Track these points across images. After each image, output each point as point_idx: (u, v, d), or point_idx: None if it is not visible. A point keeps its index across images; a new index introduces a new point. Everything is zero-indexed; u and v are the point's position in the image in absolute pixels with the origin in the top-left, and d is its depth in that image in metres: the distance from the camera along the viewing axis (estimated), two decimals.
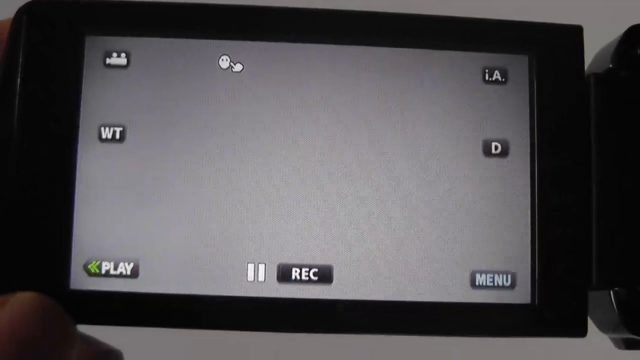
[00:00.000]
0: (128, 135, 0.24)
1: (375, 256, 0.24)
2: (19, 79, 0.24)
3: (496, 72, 0.25)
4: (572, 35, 0.25)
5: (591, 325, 0.26)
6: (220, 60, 0.25)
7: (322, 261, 0.24)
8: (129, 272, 0.24)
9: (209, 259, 0.24)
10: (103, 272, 0.24)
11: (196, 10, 0.25)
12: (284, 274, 0.24)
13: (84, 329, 0.24)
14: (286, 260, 0.24)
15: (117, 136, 0.24)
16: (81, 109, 0.24)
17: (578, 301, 0.24)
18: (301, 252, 0.24)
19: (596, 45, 0.26)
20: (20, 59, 0.24)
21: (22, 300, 0.21)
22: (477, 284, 0.24)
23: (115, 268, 0.24)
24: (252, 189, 0.24)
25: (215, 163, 0.24)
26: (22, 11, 0.24)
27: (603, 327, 0.26)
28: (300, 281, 0.24)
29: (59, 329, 0.21)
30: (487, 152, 0.25)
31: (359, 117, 0.25)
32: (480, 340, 0.26)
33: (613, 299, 0.24)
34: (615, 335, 0.26)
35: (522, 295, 0.24)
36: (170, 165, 0.24)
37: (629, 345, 0.26)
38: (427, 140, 0.25)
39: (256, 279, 0.24)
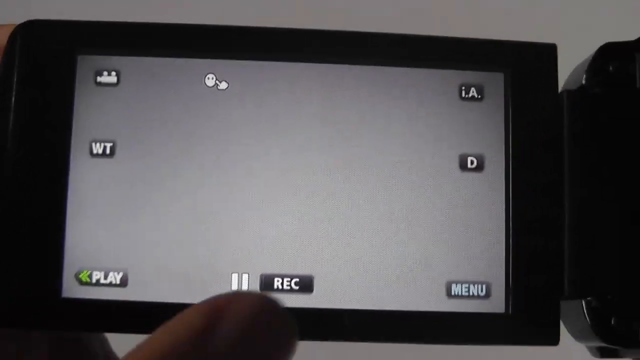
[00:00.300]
0: (118, 150, 0.25)
1: (355, 267, 0.25)
2: (13, 96, 0.25)
3: (472, 89, 0.26)
4: (546, 53, 0.26)
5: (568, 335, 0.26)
6: (206, 78, 0.26)
7: (303, 271, 0.25)
8: (118, 281, 0.25)
9: (195, 269, 0.25)
10: (94, 281, 0.25)
11: (183, 30, 0.26)
12: (266, 284, 0.25)
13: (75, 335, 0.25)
14: (269, 270, 0.25)
15: (108, 151, 0.25)
16: (73, 124, 0.25)
17: (551, 310, 0.25)
18: (283, 263, 0.25)
19: (571, 63, 0.27)
20: (15, 76, 0.25)
21: (256, 297, 0.19)
22: (453, 293, 0.25)
23: (105, 277, 0.25)
24: (236, 202, 0.25)
25: (200, 177, 0.25)
26: (17, 30, 0.25)
27: (577, 336, 0.26)
28: (282, 290, 0.25)
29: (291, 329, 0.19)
30: (463, 166, 0.26)
31: (340, 133, 0.26)
32: (458, 348, 0.27)
33: (585, 308, 0.25)
34: (590, 344, 0.26)
35: (496, 304, 0.25)
36: (157, 179, 0.25)
37: (603, 353, 0.26)
38: (405, 155, 0.26)
39: (240, 289, 0.25)
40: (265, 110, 0.26)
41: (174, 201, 0.25)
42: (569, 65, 0.27)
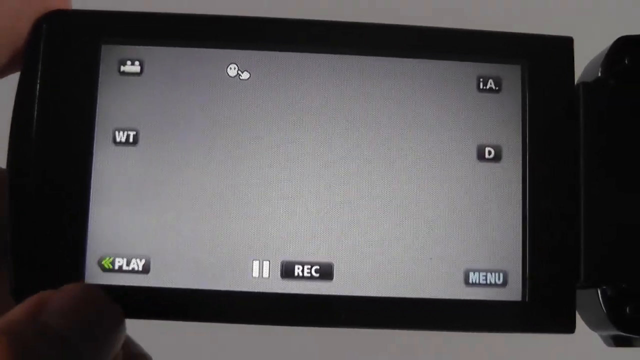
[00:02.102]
0: (141, 139, 0.26)
1: (374, 255, 0.25)
2: (37, 85, 0.25)
3: (490, 81, 0.26)
4: (563, 46, 0.27)
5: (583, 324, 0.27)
6: (229, 68, 0.26)
7: (323, 259, 0.25)
8: (140, 268, 0.25)
9: (216, 256, 0.25)
10: (116, 267, 0.25)
11: (206, 21, 0.26)
12: (287, 271, 0.25)
13: None
14: (289, 257, 0.25)
15: (131, 139, 0.26)
16: (97, 113, 0.26)
17: (566, 299, 0.26)
18: (304, 250, 0.25)
19: (587, 56, 0.28)
20: (39, 66, 0.25)
21: (73, 287, 0.23)
22: (470, 281, 0.26)
23: (128, 264, 0.25)
24: (258, 190, 0.26)
25: (222, 165, 0.26)
26: (41, 20, 0.26)
27: (592, 325, 0.27)
28: (303, 278, 0.25)
29: (110, 313, 0.23)
30: (480, 156, 0.26)
31: (362, 122, 0.26)
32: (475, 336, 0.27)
33: (600, 297, 0.25)
34: (604, 333, 0.27)
35: (513, 292, 0.26)
36: (180, 166, 0.26)
37: (617, 342, 0.27)
38: (425, 145, 0.26)
39: (261, 275, 0.25)
40: (286, 100, 0.26)
41: (196, 189, 0.25)
42: (586, 58, 0.27)
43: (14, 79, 0.26)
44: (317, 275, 0.25)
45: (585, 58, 0.27)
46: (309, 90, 0.26)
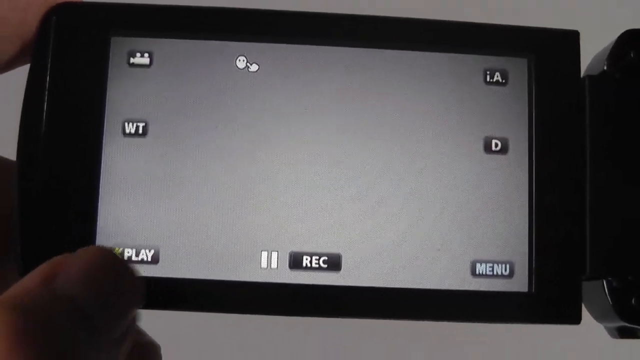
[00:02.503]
0: (150, 130, 0.26)
1: (382, 246, 0.26)
2: (47, 76, 0.26)
3: (497, 73, 0.27)
4: (569, 39, 0.27)
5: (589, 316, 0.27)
6: (238, 60, 0.26)
7: (331, 250, 0.26)
8: (149, 259, 0.25)
9: (225, 247, 0.25)
10: (125, 258, 0.25)
11: (215, 13, 0.26)
12: (295, 262, 0.26)
13: None
14: (298, 248, 0.26)
15: (140, 131, 0.26)
16: (106, 105, 0.26)
17: (572, 290, 0.26)
18: (312, 241, 0.26)
19: (593, 49, 0.28)
20: (49, 58, 0.26)
21: (88, 251, 0.22)
22: (477, 272, 0.26)
23: (137, 254, 0.25)
24: (266, 181, 0.26)
25: (231, 157, 0.26)
26: (50, 13, 0.26)
27: (598, 316, 0.27)
28: (311, 268, 0.25)
29: (128, 281, 0.22)
30: (487, 149, 0.26)
31: (370, 115, 0.26)
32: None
33: (606, 288, 0.26)
34: (610, 324, 0.27)
35: (519, 284, 0.26)
36: (188, 158, 0.26)
37: (622, 333, 0.27)
38: (432, 137, 0.26)
39: (269, 266, 0.25)
40: (295, 92, 0.26)
41: (205, 180, 0.26)
42: (592, 52, 0.27)
43: (23, 71, 0.26)
44: (325, 266, 0.26)
45: (591, 52, 0.28)
46: (318, 82, 0.26)
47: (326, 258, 0.26)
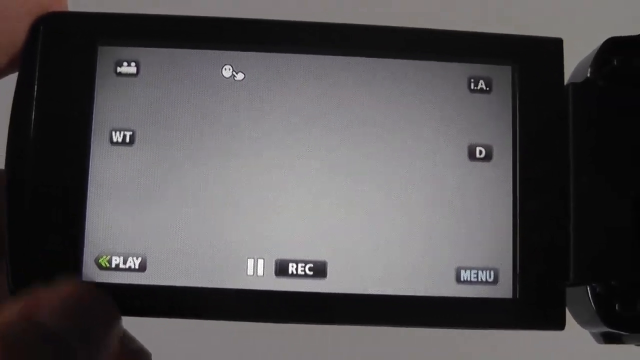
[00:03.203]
0: (137, 139, 0.26)
1: (367, 253, 0.26)
2: (35, 85, 0.26)
3: (481, 81, 0.27)
4: (553, 47, 0.27)
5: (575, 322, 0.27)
6: (223, 69, 0.26)
7: (317, 257, 0.26)
8: (137, 266, 0.26)
9: (212, 254, 0.26)
10: (113, 266, 0.26)
11: (201, 22, 0.26)
12: (281, 269, 0.26)
13: None
14: (283, 256, 0.26)
15: (127, 140, 0.26)
16: (94, 114, 0.26)
17: (556, 296, 0.26)
18: (298, 249, 0.26)
19: (577, 57, 0.28)
20: (37, 67, 0.26)
21: (67, 285, 0.23)
22: (462, 279, 0.26)
23: (125, 262, 0.26)
24: (252, 189, 0.26)
25: (217, 165, 0.26)
26: (38, 22, 0.26)
27: (582, 322, 0.27)
28: (297, 275, 0.26)
29: (105, 309, 0.23)
30: (472, 156, 0.27)
31: (355, 123, 0.26)
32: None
33: (590, 294, 0.26)
34: (594, 330, 0.27)
35: (504, 290, 0.26)
36: (175, 167, 0.26)
37: (607, 339, 0.27)
38: (416, 144, 0.26)
39: (255, 273, 0.26)
40: (280, 101, 0.26)
41: (191, 188, 0.26)
42: (575, 59, 0.28)
43: (12, 79, 0.26)
44: (311, 273, 0.26)
45: (575, 59, 0.28)
46: (303, 90, 0.26)
47: (312, 265, 0.26)
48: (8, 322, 0.21)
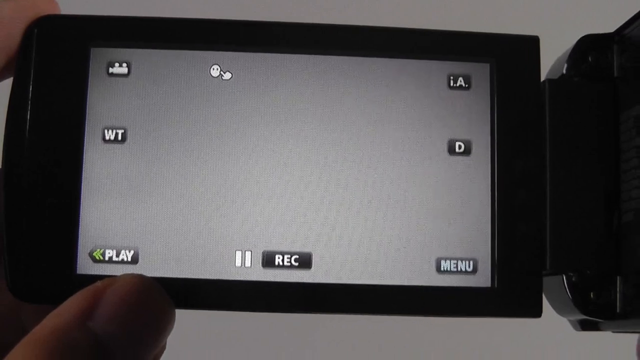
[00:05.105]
0: (129, 137, 0.27)
1: (350, 245, 0.27)
2: (30, 86, 0.27)
3: (460, 78, 0.28)
4: (530, 45, 0.28)
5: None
6: (212, 69, 0.27)
7: (302, 249, 0.27)
8: (129, 259, 0.27)
9: (201, 247, 0.27)
10: (106, 258, 0.27)
11: (190, 24, 0.27)
12: (268, 260, 0.27)
13: None
14: (270, 247, 0.27)
15: (119, 137, 0.27)
16: (87, 113, 0.27)
17: (533, 285, 0.27)
18: (284, 241, 0.27)
19: (554, 54, 0.29)
20: (32, 69, 0.27)
21: (131, 277, 0.23)
22: (442, 269, 0.27)
23: (118, 255, 0.27)
24: (240, 184, 0.27)
25: (206, 161, 0.27)
26: (33, 25, 0.27)
27: (559, 310, 0.28)
28: (283, 266, 0.27)
29: (163, 303, 0.24)
30: (451, 150, 0.28)
31: (339, 120, 0.27)
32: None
33: (565, 283, 0.27)
34: (571, 317, 0.28)
35: (483, 279, 0.27)
36: (166, 163, 0.27)
37: (584, 326, 0.28)
38: (398, 140, 0.27)
39: (243, 265, 0.27)
40: (266, 99, 0.27)
41: (181, 184, 0.27)
42: (552, 57, 0.29)
43: (7, 82, 0.27)
44: (297, 264, 0.27)
45: (551, 57, 0.29)
46: (288, 89, 0.27)
47: (297, 257, 0.27)
48: (63, 326, 0.22)
